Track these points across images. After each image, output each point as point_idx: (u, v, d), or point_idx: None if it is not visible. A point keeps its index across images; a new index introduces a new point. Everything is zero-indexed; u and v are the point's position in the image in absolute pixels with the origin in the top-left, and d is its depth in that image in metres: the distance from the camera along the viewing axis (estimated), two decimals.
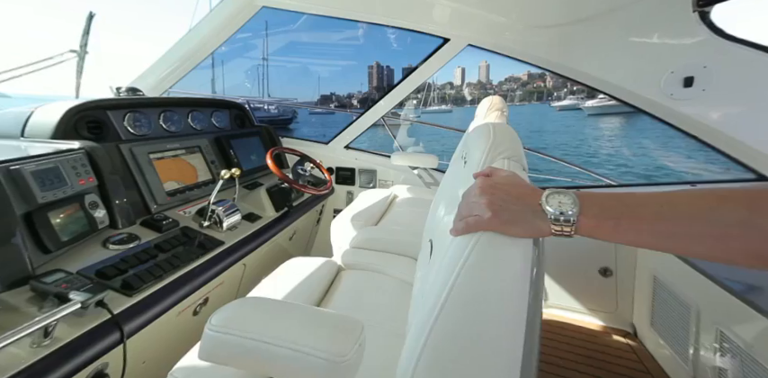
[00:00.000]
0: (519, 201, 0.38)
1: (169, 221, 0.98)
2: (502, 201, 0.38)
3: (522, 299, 0.37)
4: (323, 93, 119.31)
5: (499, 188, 0.40)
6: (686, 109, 1.23)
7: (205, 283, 0.86)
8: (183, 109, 1.39)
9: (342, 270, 1.08)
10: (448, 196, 0.71)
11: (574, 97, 46.03)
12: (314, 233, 1.81)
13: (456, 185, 0.65)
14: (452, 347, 0.37)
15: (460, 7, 1.44)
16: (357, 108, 36.09)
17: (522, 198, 0.38)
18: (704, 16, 1.13)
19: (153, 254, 0.84)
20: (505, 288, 0.37)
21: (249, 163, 1.54)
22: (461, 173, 0.61)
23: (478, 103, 1.46)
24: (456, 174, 0.68)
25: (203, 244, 0.96)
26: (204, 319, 0.52)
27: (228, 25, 1.75)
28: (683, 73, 1.19)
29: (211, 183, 1.27)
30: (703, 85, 1.18)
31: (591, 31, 1.31)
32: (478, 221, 0.39)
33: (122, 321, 0.64)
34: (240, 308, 0.55)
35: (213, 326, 0.51)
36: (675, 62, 1.20)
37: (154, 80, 1.72)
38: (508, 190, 0.39)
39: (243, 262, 1.05)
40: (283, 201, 1.34)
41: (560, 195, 0.36)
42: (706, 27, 1.13)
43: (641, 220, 0.33)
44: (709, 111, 1.20)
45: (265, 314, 0.54)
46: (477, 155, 0.55)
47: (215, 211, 1.06)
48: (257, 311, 0.55)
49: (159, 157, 1.13)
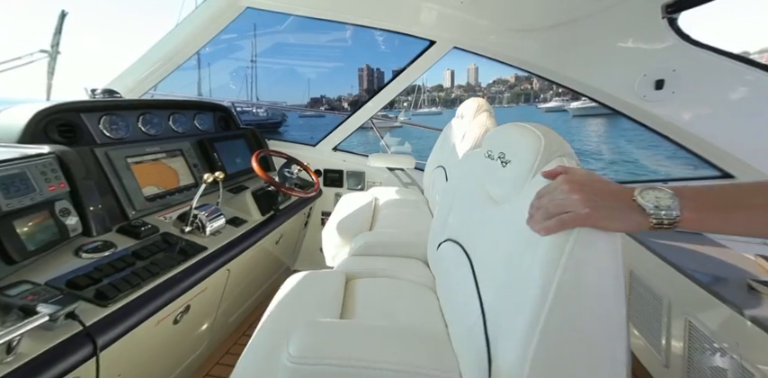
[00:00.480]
0: (612, 196, 0.39)
1: (148, 227, 0.95)
2: (596, 196, 0.39)
3: (621, 294, 0.38)
4: (313, 95, 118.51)
5: (588, 185, 0.40)
6: (658, 110, 1.29)
7: (186, 290, 0.83)
8: (163, 111, 1.35)
9: (351, 279, 0.98)
10: (477, 196, 0.69)
11: (559, 99, 47.30)
12: (302, 236, 1.78)
13: (489, 185, 0.66)
14: (565, 342, 0.39)
15: (446, 10, 1.46)
16: (347, 111, 35.51)
17: (614, 194, 0.39)
18: (672, 22, 1.19)
19: (130, 261, 0.80)
20: (608, 284, 0.38)
21: (234, 166, 1.51)
22: (498, 173, 0.60)
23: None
24: (486, 174, 0.67)
25: (185, 250, 0.93)
26: (185, 328, 0.50)
27: (212, 25, 1.71)
28: (655, 76, 1.25)
29: (194, 187, 1.24)
30: (673, 88, 1.24)
31: (570, 36, 1.35)
32: (575, 218, 0.39)
33: (95, 333, 0.61)
34: (313, 334, 0.50)
35: (296, 358, 0.45)
36: (647, 66, 1.26)
37: (132, 81, 1.67)
38: (599, 186, 0.40)
39: (227, 267, 1.03)
40: (269, 204, 1.32)
41: (655, 191, 0.37)
42: (674, 33, 1.19)
43: (755, 211, 0.34)
44: (678, 112, 1.27)
45: (344, 337, 0.49)
46: (526, 155, 0.53)
47: (197, 215, 1.03)
48: (334, 335, 0.50)
49: (138, 160, 1.09)
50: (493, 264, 0.56)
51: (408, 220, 1.39)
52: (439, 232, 0.87)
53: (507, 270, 0.50)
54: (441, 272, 0.85)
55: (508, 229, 0.53)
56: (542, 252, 0.41)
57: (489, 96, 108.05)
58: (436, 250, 0.86)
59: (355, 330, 0.52)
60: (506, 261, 0.51)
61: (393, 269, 1.01)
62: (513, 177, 0.56)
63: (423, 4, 1.47)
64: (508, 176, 0.58)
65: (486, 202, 0.66)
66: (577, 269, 0.38)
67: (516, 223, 0.49)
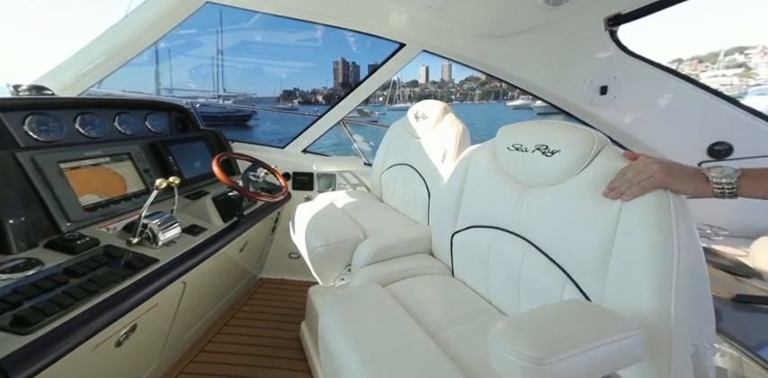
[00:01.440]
0: (684, 168, 0.53)
1: (86, 241, 0.85)
2: (671, 167, 0.53)
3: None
4: (285, 88, 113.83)
5: (661, 160, 0.54)
6: (603, 113, 1.42)
7: (132, 307, 0.75)
8: (107, 111, 1.23)
9: (387, 286, 0.93)
10: (501, 183, 0.83)
11: (525, 97, 50.22)
12: (268, 242, 1.71)
13: (519, 172, 0.80)
14: (690, 286, 0.52)
15: (416, 14, 1.48)
16: (322, 104, 33.59)
17: (686, 167, 0.53)
18: (613, 34, 1.32)
19: (61, 280, 0.71)
20: (695, 239, 0.54)
21: (192, 170, 1.41)
22: (541, 162, 0.74)
23: (443, 100, 1.51)
24: (514, 164, 0.82)
25: (131, 263, 0.84)
26: (131, 349, 0.44)
27: (168, 18, 1.59)
28: (600, 82, 1.38)
29: (145, 194, 1.13)
30: (614, 93, 1.37)
31: (528, 43, 1.44)
32: (653, 181, 0.53)
33: (11, 368, 0.52)
34: (518, 330, 0.47)
35: (539, 359, 0.41)
36: (594, 73, 1.38)
37: (70, 77, 1.49)
38: (673, 163, 0.54)
39: (182, 280, 0.95)
40: (232, 210, 1.25)
41: (720, 167, 0.51)
42: (614, 44, 1.32)
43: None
44: (619, 115, 1.41)
45: (538, 328, 0.47)
46: (580, 145, 0.68)
47: (147, 225, 0.95)
48: (529, 328, 0.47)
49: (74, 166, 0.98)
50: (556, 236, 0.69)
51: (387, 218, 1.38)
52: (450, 223, 0.97)
53: (579, 240, 0.64)
54: (470, 255, 0.92)
55: (565, 206, 0.68)
56: (647, 219, 0.54)
57: (462, 93, 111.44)
58: (450, 239, 0.97)
59: (537, 321, 0.51)
60: (570, 233, 0.66)
61: (413, 268, 1.01)
62: (565, 164, 0.69)
63: (393, 7, 1.49)
64: (559, 164, 0.70)
65: (516, 187, 0.80)
66: (686, 233, 0.52)
67: (578, 199, 0.66)
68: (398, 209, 1.47)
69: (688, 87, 1.31)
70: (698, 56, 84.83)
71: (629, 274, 0.56)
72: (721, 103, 1.29)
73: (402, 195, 1.43)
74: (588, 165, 0.66)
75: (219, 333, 1.42)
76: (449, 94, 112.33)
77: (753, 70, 57.51)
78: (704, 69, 57.19)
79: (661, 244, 0.52)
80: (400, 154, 1.51)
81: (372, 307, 0.81)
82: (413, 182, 1.36)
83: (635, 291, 0.54)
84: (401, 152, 1.50)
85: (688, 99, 1.32)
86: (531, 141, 0.76)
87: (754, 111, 1.26)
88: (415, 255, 1.09)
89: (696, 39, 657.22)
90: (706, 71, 52.19)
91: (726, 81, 41.10)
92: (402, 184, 1.44)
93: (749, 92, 17.01)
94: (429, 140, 1.35)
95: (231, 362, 1.26)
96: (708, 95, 1.30)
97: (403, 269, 1.00)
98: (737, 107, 1.28)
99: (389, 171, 1.54)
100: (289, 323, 1.47)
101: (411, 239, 1.11)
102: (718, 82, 39.67)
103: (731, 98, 1.29)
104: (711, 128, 1.30)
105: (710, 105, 1.29)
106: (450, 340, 0.71)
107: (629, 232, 0.56)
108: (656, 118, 1.37)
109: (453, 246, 0.97)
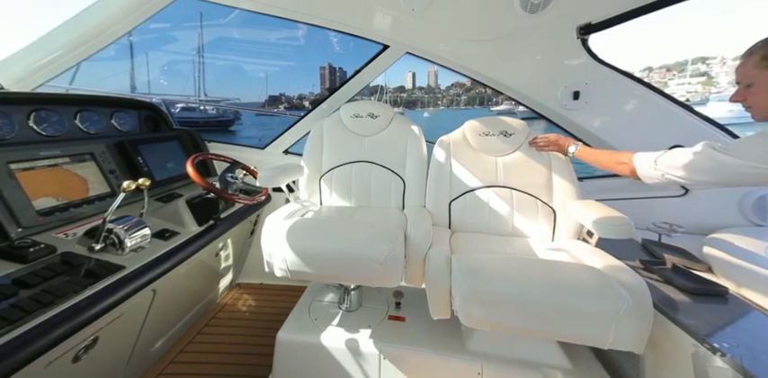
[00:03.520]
0: (560, 138, 1.28)
1: (40, 248, 0.78)
2: (556, 137, 1.29)
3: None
4: (271, 93, 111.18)
5: (554, 135, 1.31)
6: (575, 118, 1.50)
7: (93, 319, 0.70)
8: (66, 108, 1.14)
9: (454, 254, 1.06)
10: (477, 157, 1.34)
11: (509, 102, 51.86)
12: (246, 246, 1.65)
13: (489, 147, 1.34)
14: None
15: (400, 16, 1.49)
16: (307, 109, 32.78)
17: (560, 137, 1.29)
18: (584, 42, 1.40)
19: (9, 292, 0.65)
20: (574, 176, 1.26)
21: (164, 172, 1.34)
22: (505, 140, 1.34)
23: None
24: (486, 143, 1.35)
25: (93, 272, 0.78)
26: (90, 365, 0.41)
27: (137, 11, 1.50)
28: (573, 88, 1.45)
29: (110, 197, 1.07)
30: (586, 99, 1.46)
31: (506, 48, 1.49)
32: (553, 140, 1.29)
33: None
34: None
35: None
36: (567, 78, 1.45)
37: (22, 70, 1.36)
38: (558, 136, 1.30)
39: (152, 288, 0.90)
40: (208, 213, 1.20)
41: (581, 143, 1.27)
42: (585, 51, 1.40)
43: (599, 156, 1.13)
44: (590, 120, 1.50)
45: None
46: (523, 129, 1.34)
47: (112, 229, 0.89)
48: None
49: (27, 167, 0.90)
50: (523, 179, 1.28)
51: (374, 212, 1.37)
52: (445, 194, 1.32)
53: (536, 178, 1.26)
54: (471, 210, 1.30)
55: (525, 162, 1.28)
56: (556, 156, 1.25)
57: (448, 98, 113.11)
58: (448, 205, 1.32)
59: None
60: (530, 175, 1.27)
61: (444, 233, 1.25)
62: (518, 140, 1.31)
63: (377, 9, 1.48)
64: (515, 140, 1.31)
65: (491, 158, 1.33)
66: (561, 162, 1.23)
67: (529, 158, 1.28)
68: (363, 204, 1.46)
69: (651, 95, 1.42)
70: (666, 64, 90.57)
71: (558, 187, 1.23)
72: (679, 109, 1.41)
73: (369, 188, 1.46)
74: (526, 139, 1.30)
75: (192, 342, 1.35)
76: (435, 100, 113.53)
77: (713, 79, 61.95)
78: (672, 77, 61.05)
79: (568, 171, 1.21)
80: (347, 153, 1.46)
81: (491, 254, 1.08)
82: (381, 175, 1.45)
83: (562, 195, 1.22)
84: (347, 151, 1.46)
85: (650, 105, 1.43)
86: (496, 129, 1.33)
87: (707, 118, 1.40)
88: (437, 227, 1.30)
89: (664, 48, 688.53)
90: (674, 79, 55.78)
91: (691, 89, 44.57)
92: (367, 180, 1.45)
93: (710, 98, 18.36)
94: (384, 137, 1.48)
95: (206, 372, 1.20)
96: (667, 102, 1.41)
97: (445, 237, 1.20)
98: (693, 114, 1.41)
99: (337, 171, 1.46)
100: (267, 329, 1.42)
101: (431, 216, 1.34)
102: (684, 89, 42.81)
103: (688, 106, 1.42)
104: (670, 132, 1.41)
105: (669, 112, 1.41)
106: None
107: (554, 166, 1.24)
108: (622, 122, 1.47)
109: (452, 210, 1.32)
